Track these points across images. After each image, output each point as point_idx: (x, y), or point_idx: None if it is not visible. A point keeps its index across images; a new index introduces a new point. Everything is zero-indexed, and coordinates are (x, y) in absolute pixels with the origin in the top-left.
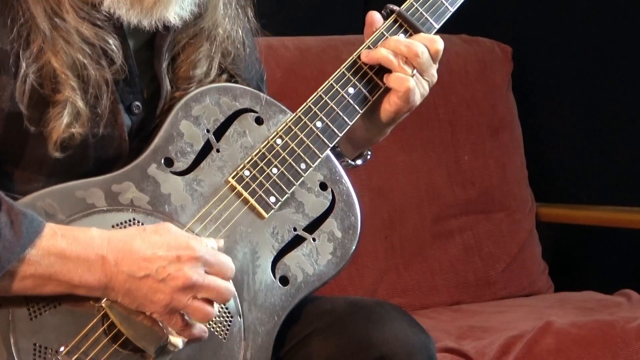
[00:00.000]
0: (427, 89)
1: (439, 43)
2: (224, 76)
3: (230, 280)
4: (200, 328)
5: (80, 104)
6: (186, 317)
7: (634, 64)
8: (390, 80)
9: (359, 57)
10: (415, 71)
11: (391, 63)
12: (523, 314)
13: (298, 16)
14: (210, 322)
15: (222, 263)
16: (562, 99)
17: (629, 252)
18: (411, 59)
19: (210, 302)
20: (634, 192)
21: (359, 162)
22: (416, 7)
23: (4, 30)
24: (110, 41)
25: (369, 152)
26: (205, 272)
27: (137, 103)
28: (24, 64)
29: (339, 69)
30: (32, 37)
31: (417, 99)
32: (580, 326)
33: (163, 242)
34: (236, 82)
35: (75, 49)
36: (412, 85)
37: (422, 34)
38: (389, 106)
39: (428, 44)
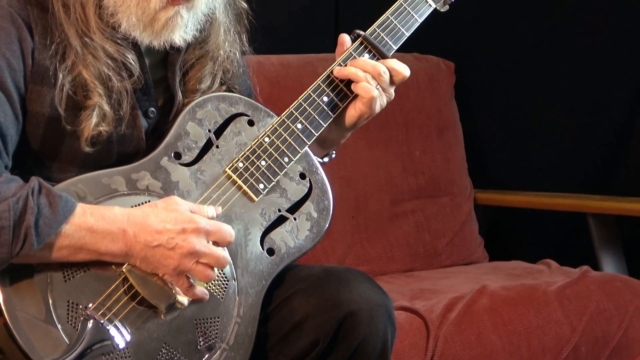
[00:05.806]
0: (385, 102)
1: (404, 71)
2: (224, 87)
3: (226, 250)
4: (202, 290)
5: (106, 107)
6: (191, 280)
7: (551, 75)
8: (358, 88)
9: (332, 71)
10: (378, 86)
11: (358, 78)
12: (463, 279)
13: (281, 38)
14: (210, 285)
15: (221, 230)
16: (495, 105)
17: (549, 229)
18: (375, 76)
19: (210, 266)
20: (552, 180)
21: (325, 159)
22: (378, 32)
23: (45, 50)
24: (129, 56)
25: (334, 152)
26: (209, 240)
27: (152, 109)
28: (60, 75)
29: (315, 81)
30: (67, 54)
31: (377, 108)
32: (510, 289)
33: (171, 217)
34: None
35: (101, 63)
36: (376, 94)
37: (388, 60)
38: (354, 111)
39: (390, 68)
